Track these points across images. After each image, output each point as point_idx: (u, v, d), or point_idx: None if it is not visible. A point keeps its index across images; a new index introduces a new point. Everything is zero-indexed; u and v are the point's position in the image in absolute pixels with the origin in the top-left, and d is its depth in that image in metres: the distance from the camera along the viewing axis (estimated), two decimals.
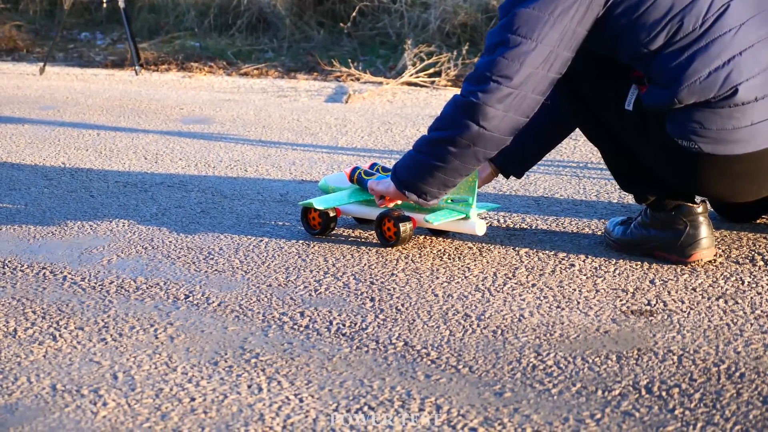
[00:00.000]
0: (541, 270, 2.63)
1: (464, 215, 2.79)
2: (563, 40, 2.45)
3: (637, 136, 2.59)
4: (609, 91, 2.60)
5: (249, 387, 2.01)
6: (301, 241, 2.89)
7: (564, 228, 2.98)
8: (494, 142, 2.53)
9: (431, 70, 5.79)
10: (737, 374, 2.02)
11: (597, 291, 2.48)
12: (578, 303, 2.40)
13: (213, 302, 2.46)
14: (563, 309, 2.37)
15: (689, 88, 2.41)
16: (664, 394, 1.94)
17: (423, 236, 2.91)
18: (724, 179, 2.52)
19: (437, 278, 2.58)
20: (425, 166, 2.62)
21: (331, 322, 2.32)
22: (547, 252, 2.76)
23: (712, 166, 2.48)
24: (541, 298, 2.44)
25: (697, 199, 2.67)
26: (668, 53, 2.43)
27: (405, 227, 2.78)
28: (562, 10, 2.43)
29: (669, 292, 2.45)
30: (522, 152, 2.83)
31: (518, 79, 2.46)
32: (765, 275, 2.56)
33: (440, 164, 2.58)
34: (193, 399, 1.96)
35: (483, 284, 2.54)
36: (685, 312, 2.34)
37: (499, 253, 2.77)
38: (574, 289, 2.49)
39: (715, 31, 2.40)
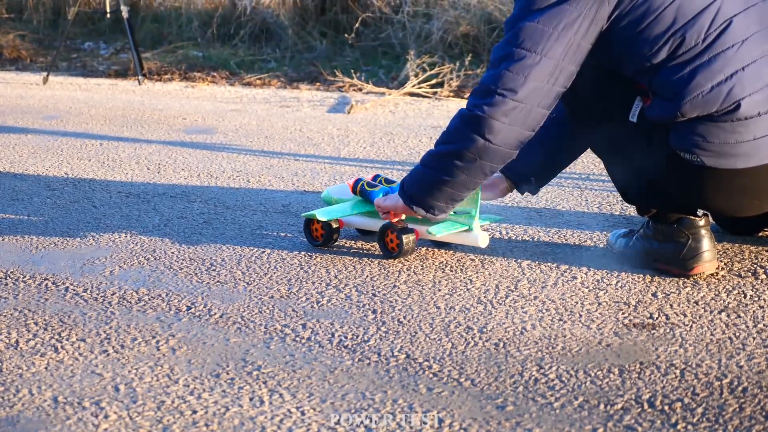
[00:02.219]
0: (543, 282, 2.63)
1: (467, 227, 2.80)
2: (568, 54, 2.46)
3: (641, 148, 2.59)
4: (613, 102, 2.61)
5: (251, 399, 2.01)
6: (303, 253, 2.89)
7: (566, 240, 2.98)
8: (500, 156, 2.53)
9: (434, 81, 5.80)
10: (740, 389, 2.01)
11: (599, 304, 2.48)
12: (580, 316, 2.40)
13: (215, 314, 2.46)
14: (565, 322, 2.37)
15: (692, 102, 2.41)
16: (666, 408, 1.94)
17: (425, 248, 2.91)
18: (727, 193, 2.52)
19: (439, 290, 2.58)
20: (432, 181, 2.62)
21: (333, 335, 2.32)
22: (549, 264, 2.76)
23: (715, 180, 2.48)
24: (543, 310, 2.44)
25: (699, 211, 2.67)
26: (671, 67, 2.44)
27: (408, 239, 2.78)
28: (566, 24, 2.44)
29: (671, 305, 2.45)
30: (538, 168, 2.83)
31: (523, 93, 2.46)
32: (767, 288, 2.55)
33: (447, 178, 2.59)
34: (194, 411, 1.96)
35: (485, 296, 2.54)
36: (687, 325, 2.33)
37: (501, 265, 2.76)
38: (576, 302, 2.49)
39: (717, 46, 2.41)
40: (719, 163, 2.45)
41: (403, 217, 2.82)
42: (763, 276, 2.64)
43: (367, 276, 2.69)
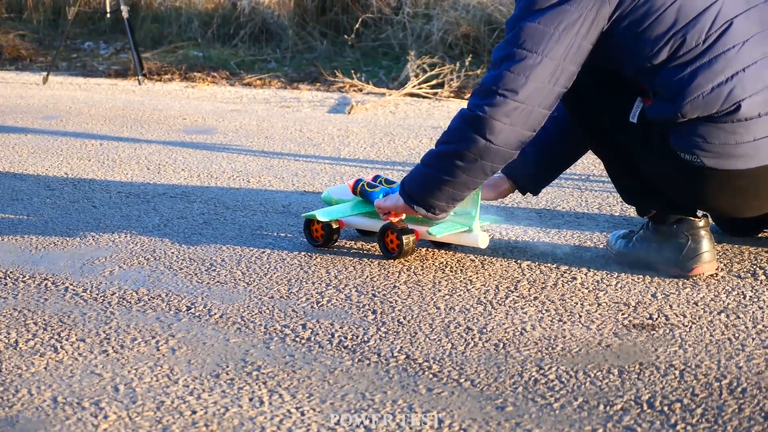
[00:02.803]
0: (543, 283, 2.63)
1: (467, 228, 2.80)
2: (569, 54, 2.46)
3: (641, 149, 2.59)
4: (614, 103, 2.61)
5: (250, 400, 2.01)
6: (303, 253, 2.89)
7: (566, 241, 2.98)
8: (501, 156, 2.54)
9: (434, 82, 5.80)
10: (739, 389, 2.01)
11: (599, 305, 2.48)
12: (580, 317, 2.40)
13: (215, 314, 2.46)
14: (565, 323, 2.37)
15: (692, 102, 2.41)
16: (666, 409, 1.94)
17: (425, 249, 2.91)
18: (727, 194, 2.52)
19: (439, 291, 2.58)
20: (433, 180, 2.62)
21: (333, 335, 2.32)
22: (549, 265, 2.76)
23: (715, 181, 2.48)
24: (543, 311, 2.44)
25: (699, 212, 2.67)
26: (672, 68, 2.44)
27: (408, 239, 2.78)
28: (567, 24, 2.44)
29: (671, 306, 2.45)
30: (539, 169, 2.83)
31: (524, 93, 2.46)
32: (766, 289, 2.56)
33: (448, 178, 2.59)
34: (194, 412, 1.96)
35: (485, 297, 2.54)
36: (686, 326, 2.33)
37: (501, 266, 2.77)
38: (576, 303, 2.49)
39: (718, 47, 2.41)
40: (719, 164, 2.45)
41: (404, 217, 2.82)
42: (763, 277, 2.64)
43: (367, 276, 2.70)
